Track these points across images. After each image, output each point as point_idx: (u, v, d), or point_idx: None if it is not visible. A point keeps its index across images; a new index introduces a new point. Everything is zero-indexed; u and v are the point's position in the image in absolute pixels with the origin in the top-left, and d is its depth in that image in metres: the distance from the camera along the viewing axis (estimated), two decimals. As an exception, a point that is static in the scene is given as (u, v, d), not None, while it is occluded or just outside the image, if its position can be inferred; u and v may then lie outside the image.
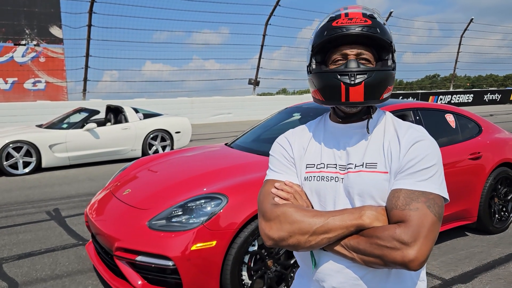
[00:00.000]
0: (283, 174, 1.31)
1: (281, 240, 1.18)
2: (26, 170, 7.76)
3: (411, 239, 1.05)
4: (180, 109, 17.02)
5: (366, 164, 1.20)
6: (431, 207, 1.09)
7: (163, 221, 2.84)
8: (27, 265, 3.76)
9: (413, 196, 1.11)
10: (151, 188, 3.33)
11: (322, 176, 1.25)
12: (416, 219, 1.07)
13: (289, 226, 1.16)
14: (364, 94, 1.16)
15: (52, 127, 8.62)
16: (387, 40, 1.19)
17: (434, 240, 1.09)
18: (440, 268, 3.65)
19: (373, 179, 1.18)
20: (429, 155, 1.15)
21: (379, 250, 1.08)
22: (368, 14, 1.20)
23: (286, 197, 1.24)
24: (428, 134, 1.22)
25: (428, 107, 4.20)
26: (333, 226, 1.13)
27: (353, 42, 1.20)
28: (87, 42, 15.89)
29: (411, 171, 1.14)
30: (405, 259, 1.04)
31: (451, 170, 3.95)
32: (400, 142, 1.19)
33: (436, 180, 1.14)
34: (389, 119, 1.29)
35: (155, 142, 9.35)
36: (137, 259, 2.76)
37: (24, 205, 5.69)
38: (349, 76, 1.16)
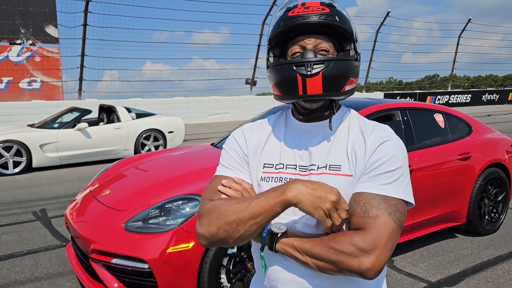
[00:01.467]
0: (233, 170, 1.23)
1: (212, 236, 1.08)
2: (16, 170, 7.70)
3: (369, 247, 0.99)
4: (176, 109, 16.96)
5: (330, 166, 1.12)
6: (391, 214, 1.03)
7: (139, 223, 2.78)
8: (7, 267, 3.69)
9: (374, 202, 1.04)
10: (130, 189, 3.26)
11: (281, 178, 1.16)
12: (376, 227, 1.01)
13: (216, 219, 1.07)
14: (323, 86, 1.07)
15: (43, 127, 8.55)
16: (348, 29, 1.11)
17: (393, 249, 1.03)
18: (428, 271, 3.58)
19: (336, 182, 1.08)
20: (395, 156, 1.08)
21: (335, 255, 1.01)
22: (326, 3, 1.12)
23: (234, 195, 1.15)
24: (395, 134, 1.15)
25: (416, 107, 4.13)
26: (257, 209, 1.02)
27: (310, 32, 1.12)
28: (82, 42, 15.82)
29: (375, 173, 1.07)
30: (362, 266, 0.98)
31: (439, 171, 3.89)
32: (366, 143, 1.12)
33: (401, 183, 1.07)
34: (354, 118, 1.21)
35: (147, 142, 9.28)
36: (112, 261, 2.69)
37: (11, 205, 5.62)
38: (305, 67, 1.07)
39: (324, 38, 1.13)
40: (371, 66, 24.82)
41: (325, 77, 1.06)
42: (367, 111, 3.65)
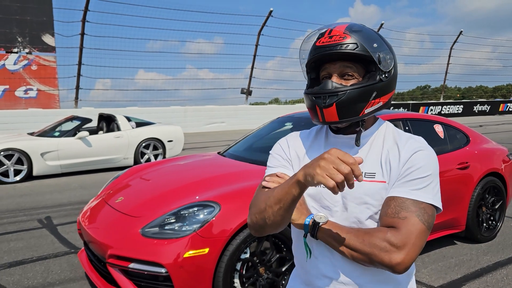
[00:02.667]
0: (278, 168, 1.34)
1: (254, 225, 1.22)
2: (17, 178, 7.73)
3: (400, 243, 1.09)
4: (173, 118, 17.05)
5: (365, 173, 1.22)
6: (420, 216, 1.12)
7: (156, 229, 2.87)
8: (19, 273, 3.75)
9: (404, 205, 1.14)
10: (144, 196, 3.36)
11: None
12: (405, 226, 1.11)
13: (254, 209, 1.22)
14: (338, 114, 1.20)
15: (44, 135, 8.60)
16: (366, 54, 1.19)
17: (421, 248, 1.13)
18: (430, 276, 3.70)
19: (371, 188, 1.20)
20: (426, 165, 1.18)
21: (369, 248, 1.11)
22: (352, 29, 1.21)
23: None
24: (428, 145, 1.25)
25: (418, 118, 4.28)
26: (279, 194, 1.12)
27: (336, 59, 1.23)
28: (79, 51, 15.92)
29: (407, 180, 1.17)
30: (392, 261, 1.09)
31: (440, 180, 4.01)
32: (400, 152, 1.21)
33: (431, 190, 1.16)
34: (390, 130, 1.30)
35: (147, 151, 9.36)
36: (130, 266, 2.78)
37: (15, 213, 5.66)
38: (321, 98, 1.20)
39: (349, 63, 1.23)
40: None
41: (339, 107, 1.19)
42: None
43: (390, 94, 1.28)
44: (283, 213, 1.13)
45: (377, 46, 1.22)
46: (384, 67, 1.23)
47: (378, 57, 1.21)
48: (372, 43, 1.21)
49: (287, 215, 1.15)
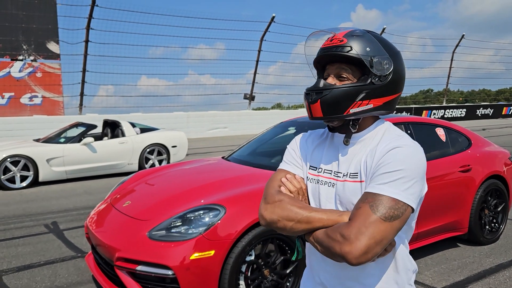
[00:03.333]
0: (290, 165, 1.44)
1: (272, 222, 1.30)
2: (23, 184, 7.81)
3: (348, 233, 1.12)
4: (176, 124, 17.14)
5: (350, 174, 1.29)
6: (373, 207, 1.13)
7: (163, 232, 2.93)
8: (27, 277, 3.81)
9: (363, 197, 1.18)
10: (151, 200, 3.42)
11: (319, 180, 1.36)
12: (358, 217, 1.13)
13: (280, 211, 1.28)
14: (322, 111, 1.28)
15: (49, 142, 8.69)
16: (358, 57, 1.25)
17: (375, 238, 1.11)
18: (433, 278, 3.74)
19: (354, 188, 1.26)
20: (397, 161, 1.17)
21: (328, 241, 1.17)
22: (352, 34, 1.29)
23: (292, 190, 1.37)
24: (412, 145, 1.23)
25: (419, 121, 4.33)
26: (313, 219, 1.22)
27: (334, 61, 1.31)
28: (84, 58, 16.06)
29: (375, 175, 1.20)
30: (342, 251, 1.12)
31: (441, 183, 4.07)
32: (377, 151, 1.24)
33: (398, 185, 1.15)
34: (382, 130, 1.32)
35: (151, 156, 9.43)
36: (137, 268, 2.83)
37: (22, 219, 5.73)
38: (309, 95, 1.30)
39: (345, 65, 1.30)
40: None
41: (323, 104, 1.27)
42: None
43: (386, 98, 1.31)
44: (305, 230, 1.25)
45: (371, 50, 1.27)
46: (378, 71, 1.27)
47: (370, 60, 1.26)
48: (366, 47, 1.27)
49: (305, 231, 1.26)
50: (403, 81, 1.36)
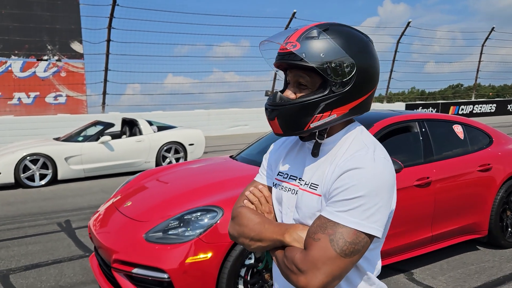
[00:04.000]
0: (261, 176, 1.41)
1: (234, 238, 1.30)
2: (42, 182, 7.92)
3: (304, 268, 1.05)
4: (197, 121, 17.15)
5: (311, 184, 1.19)
6: (333, 241, 1.04)
7: (159, 234, 2.85)
8: (33, 276, 3.82)
9: (323, 226, 1.07)
10: (151, 201, 3.35)
11: (283, 186, 1.29)
12: (315, 249, 1.05)
13: (238, 227, 1.27)
14: (281, 128, 1.18)
15: (68, 140, 8.79)
16: (311, 65, 1.10)
17: (333, 275, 1.04)
18: (447, 284, 3.54)
19: (311, 200, 1.18)
20: (357, 185, 1.05)
21: (285, 268, 1.12)
22: (306, 36, 1.13)
23: (253, 201, 1.33)
24: (374, 163, 1.09)
25: (435, 118, 4.12)
26: (264, 236, 1.19)
27: (291, 67, 1.18)
28: (106, 57, 16.24)
29: (334, 200, 1.09)
30: (298, 284, 1.07)
31: (459, 182, 3.86)
32: (336, 167, 1.13)
33: (359, 213, 1.05)
34: (350, 139, 1.20)
35: (168, 154, 9.43)
36: (133, 271, 2.77)
37: (37, 217, 5.80)
38: (268, 111, 1.20)
39: (302, 72, 1.15)
40: (392, 76, 24.66)
41: (280, 121, 1.17)
42: (384, 123, 3.67)
43: (353, 103, 1.16)
44: (261, 249, 1.24)
45: (326, 55, 1.10)
46: (338, 77, 1.12)
47: (326, 68, 1.11)
48: (320, 53, 1.11)
49: (265, 249, 1.23)
50: (374, 77, 1.19)
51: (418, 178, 3.58)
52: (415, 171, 3.62)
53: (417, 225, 3.64)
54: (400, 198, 3.37)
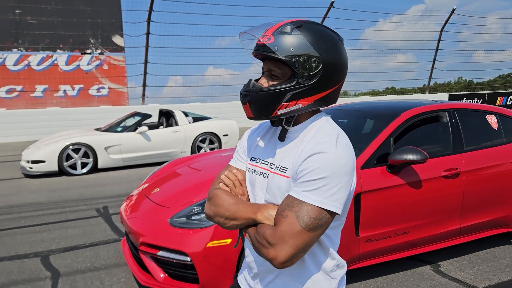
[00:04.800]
0: (236, 161, 1.51)
1: (210, 218, 1.40)
2: (84, 171, 8.31)
3: (274, 241, 1.17)
4: (234, 113, 17.33)
5: (281, 167, 1.31)
6: (299, 217, 1.16)
7: (183, 219, 2.97)
8: (71, 257, 4.06)
9: (290, 204, 1.19)
10: (177, 187, 3.48)
11: (255, 170, 1.40)
12: (283, 225, 1.17)
13: (214, 208, 1.37)
14: (252, 112, 1.30)
15: (108, 130, 9.15)
16: (282, 58, 1.21)
17: (298, 248, 1.16)
18: (475, 276, 3.48)
19: (280, 182, 1.29)
20: (320, 168, 1.17)
21: (257, 243, 1.23)
22: (280, 30, 1.24)
23: (228, 184, 1.43)
24: (335, 148, 1.21)
25: (467, 108, 4.01)
26: (238, 215, 1.30)
27: (265, 59, 1.30)
28: (145, 50, 16.68)
29: (300, 181, 1.21)
30: (268, 256, 1.19)
31: (490, 174, 3.75)
32: (302, 152, 1.24)
33: (322, 193, 1.17)
34: (316, 127, 1.32)
35: (203, 145, 9.63)
36: (158, 254, 2.91)
37: (78, 203, 6.11)
38: (242, 96, 1.32)
39: (274, 64, 1.27)
40: (435, 66, 23.85)
41: (251, 106, 1.29)
42: (411, 113, 3.61)
43: (317, 95, 1.28)
44: (235, 227, 1.34)
45: (295, 49, 1.22)
46: (305, 70, 1.23)
47: (295, 61, 1.22)
48: (289, 47, 1.22)
49: (240, 227, 1.33)
50: (340, 73, 1.30)
51: (445, 169, 3.51)
52: (442, 162, 3.56)
53: (444, 216, 3.58)
54: (426, 188, 3.35)
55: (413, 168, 3.36)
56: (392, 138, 3.45)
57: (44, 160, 8.00)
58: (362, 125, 4.06)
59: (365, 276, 3.50)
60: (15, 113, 14.65)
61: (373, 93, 30.83)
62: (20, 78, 16.84)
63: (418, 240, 3.50)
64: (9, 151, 11.90)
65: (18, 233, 4.80)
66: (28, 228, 4.97)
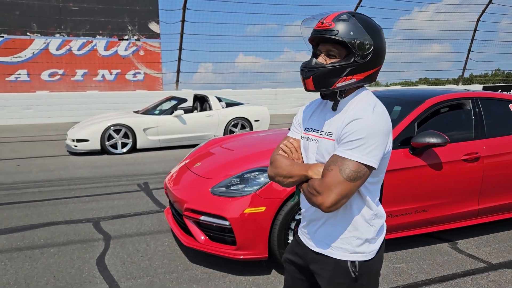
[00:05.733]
0: (292, 132, 1.79)
1: (272, 178, 1.69)
2: (124, 150, 8.85)
3: (321, 190, 1.44)
4: (265, 100, 17.63)
5: (328, 133, 1.58)
6: (341, 170, 1.42)
7: (223, 188, 3.35)
8: (119, 224, 4.53)
9: (335, 161, 1.46)
10: (217, 162, 3.87)
11: (308, 138, 1.68)
12: (328, 176, 1.44)
13: (274, 169, 1.67)
14: (314, 85, 1.55)
15: (146, 113, 9.66)
16: (343, 40, 1.48)
17: (341, 194, 1.42)
18: (490, 254, 3.73)
19: (327, 144, 1.56)
20: (359, 130, 1.44)
21: (308, 193, 1.51)
22: (339, 18, 1.52)
23: (285, 151, 1.71)
24: (372, 114, 1.48)
25: (490, 97, 4.21)
26: (293, 173, 1.59)
27: (324, 41, 1.55)
28: (180, 37, 17.15)
29: (342, 142, 1.48)
30: (316, 202, 1.46)
31: (509, 160, 3.96)
32: (345, 118, 1.51)
33: (360, 150, 1.43)
34: (358, 99, 1.58)
35: (235, 129, 10.03)
36: (200, 218, 3.31)
37: (120, 178, 6.62)
38: (304, 71, 1.57)
39: (333, 46, 1.53)
40: (469, 57, 23.39)
41: (314, 79, 1.54)
42: (435, 100, 3.85)
43: (367, 72, 1.56)
44: (294, 183, 1.61)
45: (354, 33, 1.50)
46: (360, 50, 1.51)
47: (354, 43, 1.49)
48: (349, 31, 1.50)
49: (296, 183, 1.61)
50: (383, 56, 1.59)
51: (466, 153, 3.75)
52: (464, 146, 3.79)
53: (463, 197, 3.82)
54: (446, 170, 3.61)
55: (434, 151, 3.62)
56: (416, 123, 3.71)
57: (88, 139, 8.58)
58: (390, 111, 4.31)
59: (386, 248, 3.80)
60: (57, 96, 15.44)
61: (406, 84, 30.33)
62: (62, 62, 17.66)
63: (436, 218, 3.77)
64: (53, 131, 12.64)
65: (70, 202, 5.32)
66: (78, 198, 5.49)
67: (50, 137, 11.48)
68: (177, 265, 3.54)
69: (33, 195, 5.64)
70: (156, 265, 3.54)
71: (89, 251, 3.82)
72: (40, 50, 17.49)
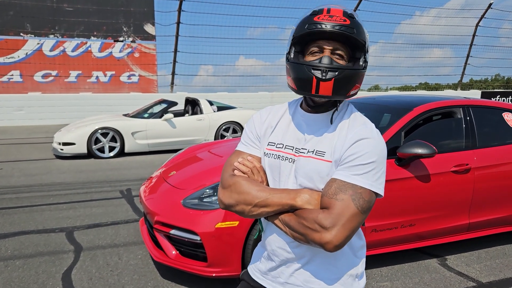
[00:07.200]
0: (248, 147, 1.46)
1: (230, 206, 1.35)
2: (111, 154, 8.65)
3: (329, 225, 1.18)
4: (260, 103, 17.46)
5: (317, 151, 1.31)
6: (355, 200, 1.19)
7: (195, 200, 3.15)
8: (93, 234, 4.31)
9: (343, 188, 1.21)
10: (192, 171, 3.66)
11: (278, 155, 1.38)
12: (338, 208, 1.19)
13: (237, 195, 1.32)
14: (333, 90, 1.24)
15: (136, 116, 9.46)
16: (362, 41, 1.26)
17: (353, 230, 1.19)
18: (481, 272, 3.52)
19: (318, 166, 1.29)
20: (369, 152, 1.23)
21: (304, 229, 1.22)
22: (348, 13, 1.26)
23: (245, 171, 1.39)
24: (377, 134, 1.29)
25: (482, 105, 4.01)
26: (271, 202, 1.28)
27: (330, 38, 1.26)
28: (175, 39, 16.95)
29: (350, 165, 1.23)
30: (321, 240, 1.18)
31: (502, 171, 3.76)
32: (347, 137, 1.27)
33: (371, 176, 1.22)
34: (349, 113, 1.36)
35: (227, 134, 9.82)
36: (171, 232, 3.10)
37: (103, 184, 6.41)
38: (321, 71, 1.23)
39: (340, 45, 1.27)
40: (468, 62, 23.22)
41: (336, 83, 1.23)
42: (424, 108, 3.65)
43: (361, 83, 1.34)
44: (265, 214, 1.31)
45: (366, 34, 1.28)
46: (367, 54, 1.30)
47: (368, 46, 1.29)
48: (365, 32, 1.28)
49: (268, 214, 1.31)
50: None
51: (456, 164, 3.55)
52: (453, 157, 3.59)
53: (453, 211, 3.62)
54: (434, 182, 3.41)
55: (422, 162, 3.42)
56: (402, 132, 3.51)
57: (74, 143, 8.37)
58: (379, 119, 4.11)
59: (370, 265, 3.60)
60: (50, 97, 15.23)
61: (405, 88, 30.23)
62: (56, 64, 17.47)
63: (424, 233, 3.56)
64: (43, 133, 12.43)
65: (46, 209, 5.11)
66: (56, 205, 5.28)
67: (39, 139, 11.27)
68: (147, 281, 3.33)
69: (9, 201, 5.43)
70: (125, 281, 3.33)
71: (56, 264, 3.61)
72: (33, 51, 17.30)
